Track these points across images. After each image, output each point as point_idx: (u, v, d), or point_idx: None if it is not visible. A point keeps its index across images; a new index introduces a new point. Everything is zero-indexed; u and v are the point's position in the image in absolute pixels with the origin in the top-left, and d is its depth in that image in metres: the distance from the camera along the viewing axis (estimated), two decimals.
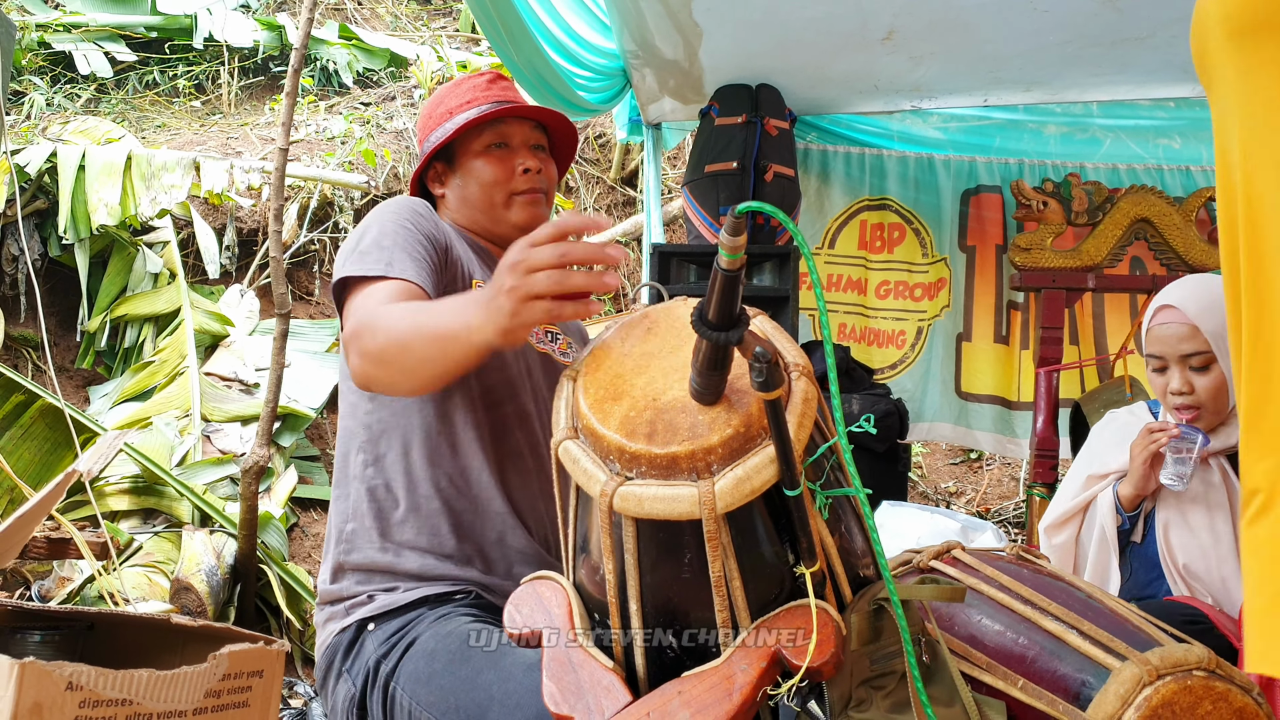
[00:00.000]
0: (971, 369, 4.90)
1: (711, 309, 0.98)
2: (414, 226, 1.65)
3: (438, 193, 1.90)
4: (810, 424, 1.05)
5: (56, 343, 5.06)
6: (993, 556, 1.49)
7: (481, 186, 1.82)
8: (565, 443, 1.10)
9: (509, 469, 1.71)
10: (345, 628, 1.63)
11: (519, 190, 1.83)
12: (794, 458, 0.99)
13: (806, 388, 1.06)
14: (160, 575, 3.28)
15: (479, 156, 1.83)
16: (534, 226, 1.81)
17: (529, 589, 1.23)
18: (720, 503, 0.99)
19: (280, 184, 3.24)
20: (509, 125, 1.85)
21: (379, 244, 1.60)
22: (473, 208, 1.84)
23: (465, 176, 1.84)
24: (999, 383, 4.87)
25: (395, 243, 1.61)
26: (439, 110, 1.89)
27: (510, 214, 1.83)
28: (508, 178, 1.83)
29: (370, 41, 7.47)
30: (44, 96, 6.49)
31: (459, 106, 1.86)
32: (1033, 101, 4.72)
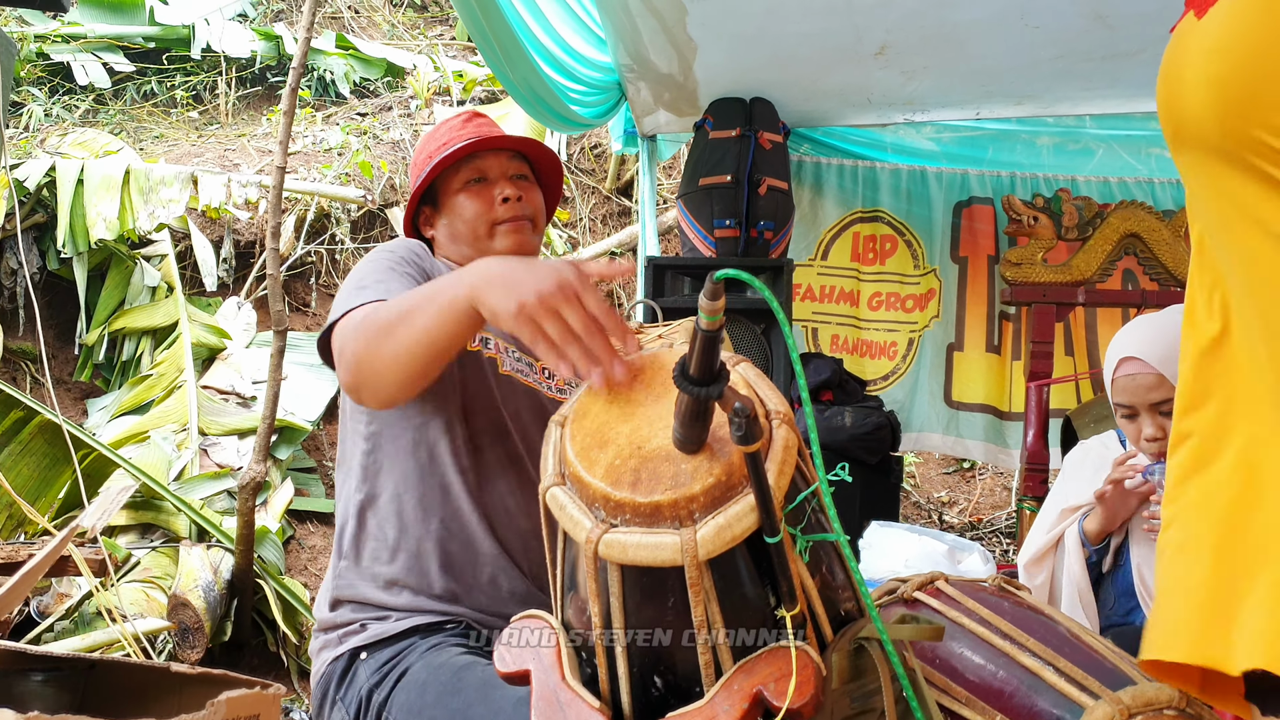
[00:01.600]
0: (963, 378, 4.93)
1: (693, 365, 1.01)
2: (407, 264, 1.68)
3: (429, 235, 1.92)
4: (791, 470, 1.08)
5: (55, 355, 5.09)
6: (975, 588, 1.52)
7: (465, 222, 1.84)
8: (553, 489, 1.13)
9: (499, 510, 1.73)
10: (339, 656, 1.66)
11: (500, 219, 1.84)
12: (773, 507, 1.02)
13: (787, 435, 1.09)
14: (158, 591, 3.31)
15: (459, 193, 1.85)
16: (521, 253, 1.84)
17: (518, 628, 1.26)
18: (702, 550, 1.02)
19: (277, 203, 3.27)
20: (485, 159, 1.87)
21: (370, 282, 1.62)
22: (461, 244, 1.86)
23: (450, 215, 1.86)
24: (990, 392, 4.90)
25: (388, 277, 1.64)
26: (421, 157, 1.92)
27: (495, 244, 1.83)
28: (488, 209, 1.84)
29: (367, 51, 7.49)
30: (42, 107, 6.51)
31: (436, 150, 1.88)
32: (1025, 115, 4.76)
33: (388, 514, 1.71)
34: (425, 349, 1.37)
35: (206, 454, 4.13)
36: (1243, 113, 0.92)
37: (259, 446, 3.42)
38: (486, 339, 1.80)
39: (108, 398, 4.79)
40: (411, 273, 1.67)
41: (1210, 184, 0.96)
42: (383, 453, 1.72)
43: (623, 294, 6.26)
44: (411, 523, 1.69)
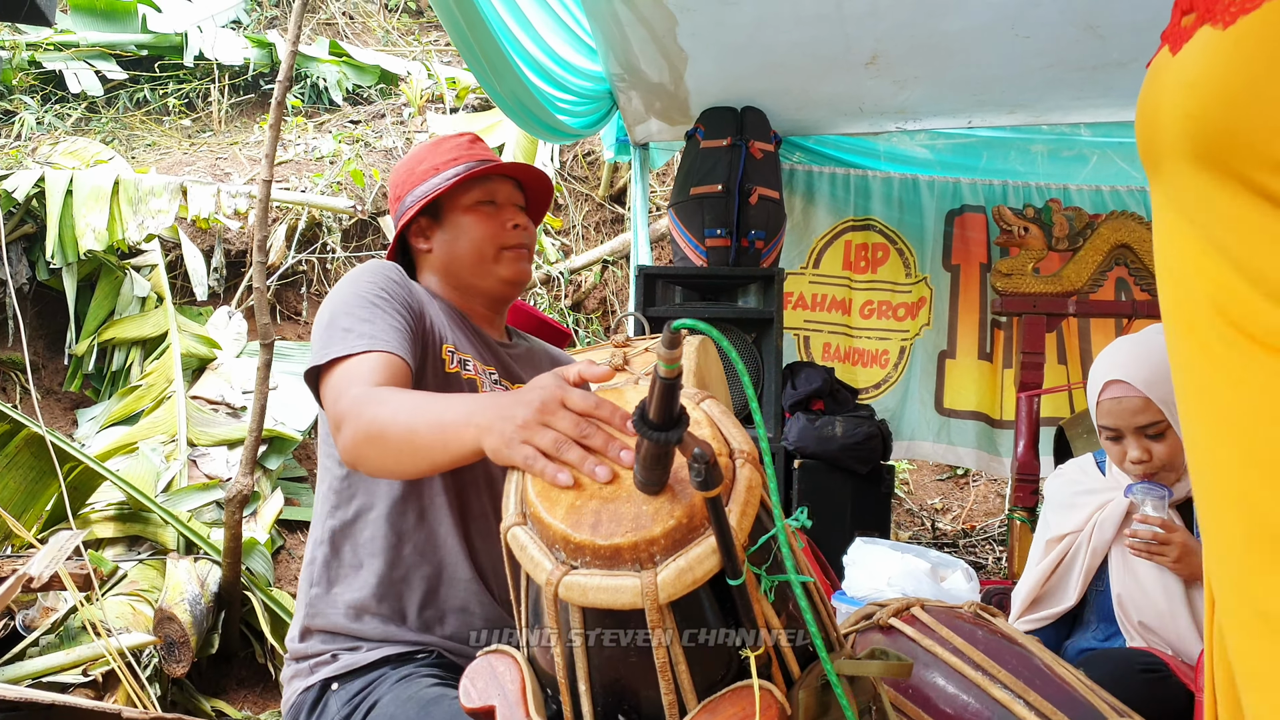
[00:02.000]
0: (955, 385, 4.93)
1: (652, 411, 1.01)
2: (389, 294, 1.66)
3: (422, 247, 1.89)
4: (754, 511, 1.07)
5: (45, 365, 5.08)
6: (951, 615, 1.51)
7: (471, 241, 1.84)
8: (514, 529, 1.12)
9: (474, 534, 1.72)
10: (310, 686, 1.65)
11: (509, 245, 1.87)
12: (735, 551, 1.01)
13: (750, 475, 1.08)
14: (145, 604, 3.30)
15: (468, 212, 1.86)
16: (521, 281, 1.88)
17: (484, 663, 1.25)
18: (663, 593, 1.02)
19: (264, 217, 3.26)
20: (495, 183, 1.89)
21: (356, 316, 1.60)
22: (460, 263, 1.86)
23: (453, 231, 1.86)
24: (982, 399, 4.90)
25: (373, 314, 1.61)
26: (421, 167, 1.91)
27: (499, 268, 1.86)
28: (498, 233, 1.86)
29: (360, 58, 7.48)
30: (35, 116, 6.50)
31: (444, 164, 1.88)
32: (1017, 123, 4.76)
33: (360, 540, 1.70)
34: (427, 470, 1.38)
35: (195, 465, 4.12)
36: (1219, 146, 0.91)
37: (246, 459, 3.40)
38: (465, 360, 1.78)
39: (97, 408, 4.78)
40: (396, 306, 1.65)
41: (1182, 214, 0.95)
42: (358, 477, 1.71)
43: (615, 302, 6.25)
44: (384, 548, 1.68)
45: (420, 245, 1.89)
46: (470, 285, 1.88)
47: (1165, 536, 1.99)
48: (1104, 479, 2.28)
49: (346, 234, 5.99)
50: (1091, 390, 2.20)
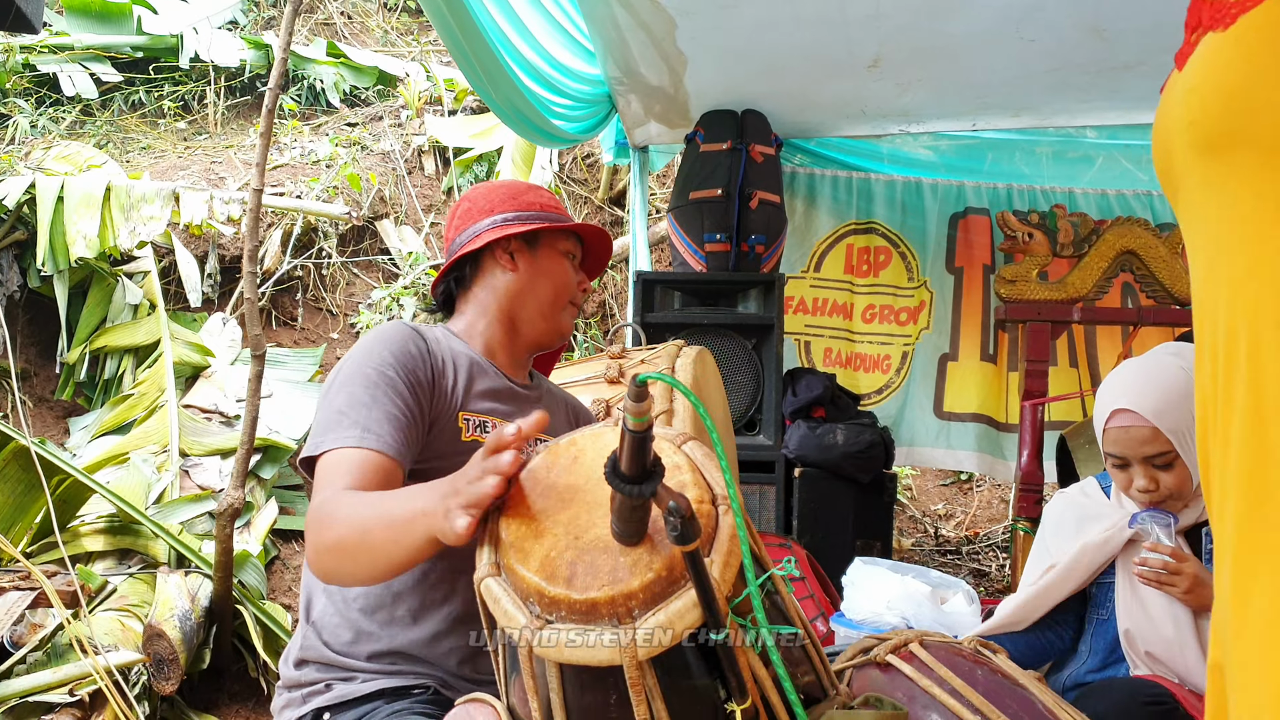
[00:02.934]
0: (956, 388, 4.88)
1: (623, 463, 0.95)
2: (395, 371, 1.62)
3: (504, 264, 1.88)
4: (737, 562, 1.01)
5: (37, 374, 5.03)
6: (950, 652, 1.45)
7: (553, 284, 1.90)
8: (487, 580, 1.07)
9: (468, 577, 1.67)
10: (301, 716, 1.61)
11: (576, 301, 1.95)
12: (717, 605, 0.96)
13: (734, 523, 1.02)
14: (134, 619, 3.24)
15: (561, 258, 1.92)
16: (565, 337, 1.96)
17: (463, 711, 1.20)
18: (642, 651, 0.96)
19: (254, 225, 3.21)
20: (574, 242, 1.97)
21: (355, 399, 1.57)
22: (534, 296, 1.88)
23: (544, 266, 1.90)
24: (985, 402, 4.84)
25: (371, 398, 1.58)
26: (523, 198, 1.93)
27: (561, 318, 1.92)
28: (571, 287, 1.93)
29: (358, 59, 7.42)
30: (29, 119, 6.45)
31: (549, 205, 1.94)
32: (1022, 126, 4.70)
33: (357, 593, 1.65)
34: (386, 569, 1.36)
35: (188, 475, 4.07)
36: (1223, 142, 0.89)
37: (237, 472, 3.35)
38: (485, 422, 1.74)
39: (89, 417, 4.73)
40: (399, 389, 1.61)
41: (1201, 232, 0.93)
42: None
43: (614, 305, 6.19)
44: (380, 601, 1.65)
45: (503, 261, 1.88)
46: (527, 321, 1.89)
47: (1176, 566, 1.93)
48: (1108, 502, 2.22)
49: (343, 239, 5.94)
50: (1098, 416, 2.13)
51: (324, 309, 5.74)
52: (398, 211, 6.21)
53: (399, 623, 1.63)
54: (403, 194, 6.28)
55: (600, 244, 2.02)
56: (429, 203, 6.35)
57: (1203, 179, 0.90)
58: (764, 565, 1.09)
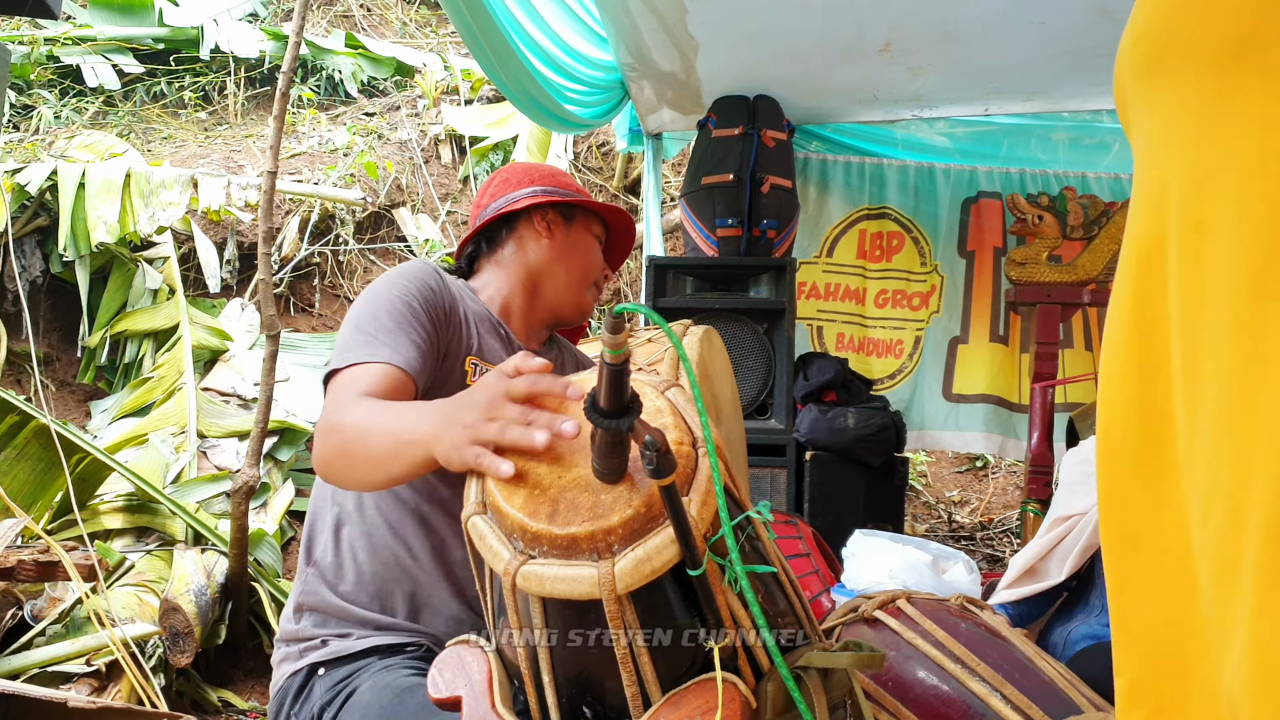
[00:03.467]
0: (966, 370, 4.88)
1: (602, 399, 0.98)
2: (417, 303, 1.66)
3: (539, 229, 1.92)
4: (715, 501, 1.04)
5: (59, 358, 5.11)
6: (936, 608, 1.48)
7: (582, 261, 1.96)
8: (473, 518, 1.10)
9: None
10: (297, 670, 1.65)
11: (598, 283, 2.00)
12: (694, 539, 0.99)
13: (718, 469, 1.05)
14: (151, 595, 3.30)
15: (592, 238, 1.98)
16: (585, 317, 2.00)
17: (452, 653, 1.23)
18: (620, 584, 0.99)
19: (269, 207, 3.25)
20: (602, 228, 2.03)
21: (379, 323, 1.61)
22: (562, 269, 1.93)
23: (575, 243, 1.96)
24: (995, 382, 4.85)
25: (394, 323, 1.61)
26: (561, 179, 2.01)
27: (583, 296, 1.97)
28: (598, 268, 1.99)
29: (376, 50, 7.49)
30: (52, 110, 6.54)
31: (583, 191, 2.01)
32: (1035, 110, 4.69)
33: (359, 533, 1.69)
34: (383, 476, 1.38)
35: (206, 456, 4.13)
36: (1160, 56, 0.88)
37: (252, 451, 3.40)
38: (478, 365, 1.77)
39: (110, 400, 4.80)
40: (421, 318, 1.65)
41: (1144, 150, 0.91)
42: None
43: (629, 293, 6.22)
44: (382, 546, 1.68)
45: (539, 227, 1.93)
46: (552, 291, 1.94)
47: None
48: None
49: (360, 226, 5.99)
50: None
51: (341, 296, 5.79)
52: (414, 199, 6.26)
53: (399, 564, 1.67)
54: (419, 182, 6.34)
55: (623, 237, 2.09)
56: (445, 191, 6.40)
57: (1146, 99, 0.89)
58: (742, 508, 1.12)
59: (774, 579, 1.19)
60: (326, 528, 1.73)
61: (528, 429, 1.13)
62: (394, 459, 1.32)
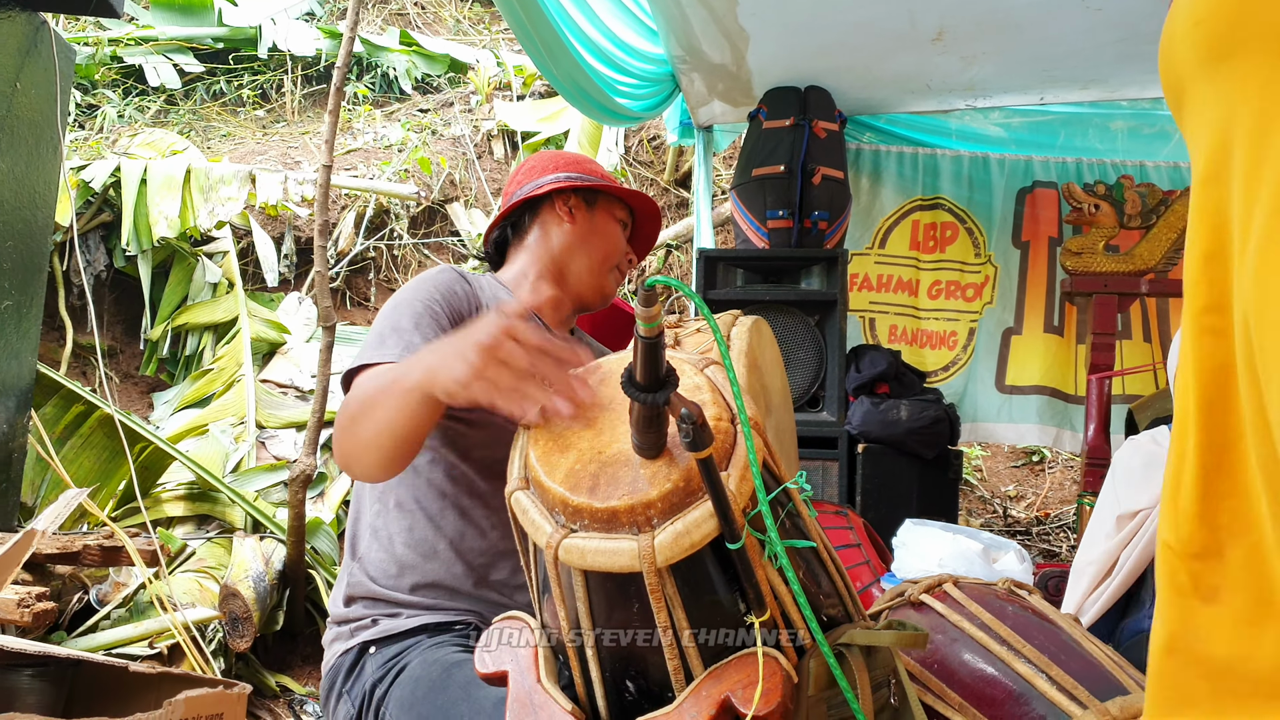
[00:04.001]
0: (1019, 361, 4.82)
1: (638, 373, 1.00)
2: (440, 307, 1.69)
3: (561, 213, 1.96)
4: (753, 477, 1.05)
5: (122, 351, 5.23)
6: (983, 592, 1.47)
7: (604, 245, 1.96)
8: (516, 493, 1.12)
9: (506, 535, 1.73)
10: (348, 649, 1.68)
11: (621, 268, 2.00)
12: (732, 512, 1.00)
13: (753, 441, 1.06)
14: (211, 581, 3.38)
15: (614, 223, 1.99)
16: (608, 300, 2.00)
17: (499, 629, 1.25)
18: (660, 556, 1.00)
19: (324, 200, 3.31)
20: (626, 213, 2.03)
21: (401, 327, 1.63)
22: (584, 253, 1.95)
23: (597, 225, 1.97)
24: (1050, 374, 4.78)
25: (414, 327, 1.64)
26: (585, 165, 2.03)
27: (606, 280, 1.98)
28: (621, 252, 1.99)
29: (430, 47, 7.57)
30: (116, 109, 6.69)
31: (608, 176, 2.02)
32: (1091, 99, 4.61)
33: (400, 528, 1.72)
34: (389, 438, 1.39)
35: (264, 446, 4.21)
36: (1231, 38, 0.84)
37: (309, 440, 3.47)
38: None
39: (171, 391, 4.91)
40: (443, 323, 1.68)
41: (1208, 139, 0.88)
42: None
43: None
44: (422, 539, 1.71)
45: (561, 212, 1.96)
46: (576, 275, 1.96)
47: None
48: None
49: (414, 221, 6.07)
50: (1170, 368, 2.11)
51: (396, 290, 5.87)
52: (467, 195, 6.32)
53: (439, 556, 1.69)
54: (472, 178, 6.39)
55: (650, 224, 2.09)
56: (497, 186, 6.45)
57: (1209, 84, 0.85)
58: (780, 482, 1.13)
59: (817, 559, 1.19)
60: (367, 524, 1.77)
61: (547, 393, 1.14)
62: (398, 414, 1.33)
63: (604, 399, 1.16)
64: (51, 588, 2.91)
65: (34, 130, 3.16)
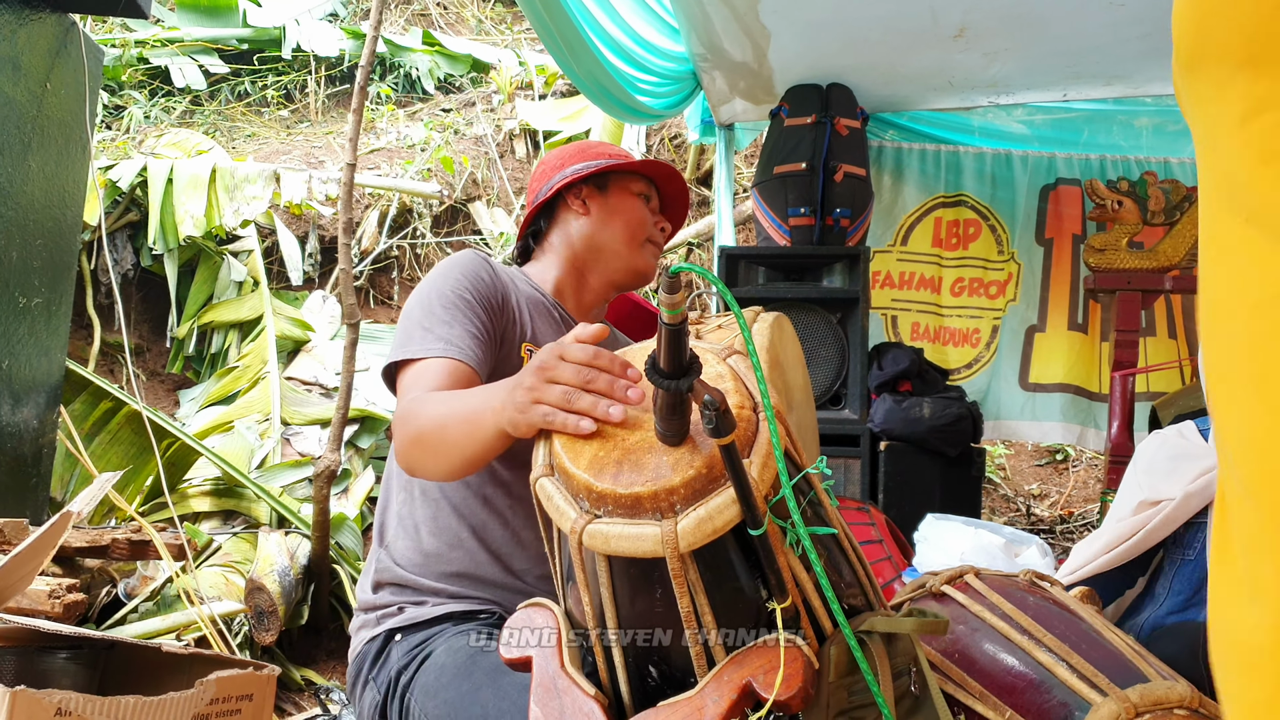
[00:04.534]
0: (1043, 359, 4.80)
1: (662, 359, 1.01)
2: (470, 294, 1.70)
3: (576, 209, 1.96)
4: (775, 464, 1.06)
5: (149, 348, 5.29)
6: (1004, 583, 1.48)
7: (627, 222, 1.95)
8: (541, 479, 1.14)
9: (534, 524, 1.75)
10: (374, 637, 1.70)
11: (654, 240, 1.98)
12: (754, 499, 1.01)
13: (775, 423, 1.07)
14: (237, 575, 3.41)
15: (633, 197, 1.97)
16: (647, 276, 1.98)
17: (524, 614, 1.27)
18: (683, 542, 1.01)
19: (348, 198, 3.33)
20: (645, 185, 2.01)
21: (436, 317, 1.65)
22: (609, 235, 1.94)
23: (616, 205, 1.96)
24: (1074, 371, 4.76)
25: (453, 315, 1.66)
26: (591, 150, 2.02)
27: (638, 256, 1.96)
28: (647, 224, 1.97)
29: (452, 48, 7.61)
30: (142, 110, 6.76)
31: (617, 153, 2.01)
32: (1115, 95, 4.59)
33: (425, 516, 1.74)
34: (461, 461, 1.42)
35: (289, 443, 4.25)
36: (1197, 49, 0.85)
37: (333, 436, 3.49)
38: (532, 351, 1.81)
39: (197, 389, 4.96)
40: (477, 308, 1.70)
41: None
42: None
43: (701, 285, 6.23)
44: (446, 528, 1.73)
45: (575, 207, 1.97)
46: (601, 263, 1.96)
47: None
48: (1206, 445, 2.17)
49: (437, 220, 6.10)
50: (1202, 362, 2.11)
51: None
52: (490, 194, 6.35)
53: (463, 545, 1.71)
54: (494, 177, 6.42)
55: (672, 185, 2.06)
56: (520, 185, 6.48)
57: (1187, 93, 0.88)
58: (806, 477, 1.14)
59: (838, 548, 1.20)
60: (394, 513, 1.80)
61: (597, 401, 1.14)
62: (468, 440, 1.36)
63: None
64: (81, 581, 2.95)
65: (63, 130, 3.20)
